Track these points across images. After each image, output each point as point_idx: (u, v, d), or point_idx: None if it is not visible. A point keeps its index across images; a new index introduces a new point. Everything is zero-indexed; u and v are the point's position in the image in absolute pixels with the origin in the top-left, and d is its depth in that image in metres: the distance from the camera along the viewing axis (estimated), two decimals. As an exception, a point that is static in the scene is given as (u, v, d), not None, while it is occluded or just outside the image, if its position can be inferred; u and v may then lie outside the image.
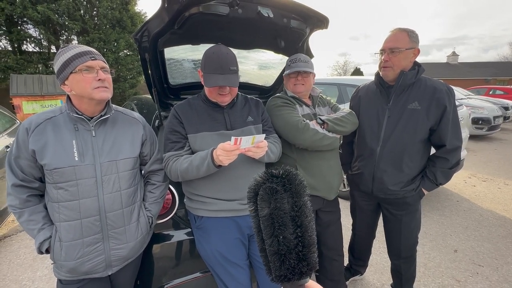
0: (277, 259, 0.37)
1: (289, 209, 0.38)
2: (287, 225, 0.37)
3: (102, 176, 1.06)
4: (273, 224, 0.37)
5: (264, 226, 0.38)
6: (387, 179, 1.53)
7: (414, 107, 1.44)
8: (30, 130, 1.00)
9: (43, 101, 8.28)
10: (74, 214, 1.03)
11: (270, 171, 0.40)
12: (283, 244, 0.37)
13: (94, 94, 1.01)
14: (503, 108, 8.62)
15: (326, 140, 1.43)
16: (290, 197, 0.38)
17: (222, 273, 1.24)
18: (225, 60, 1.18)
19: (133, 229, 1.16)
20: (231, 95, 1.28)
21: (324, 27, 1.59)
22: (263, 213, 0.38)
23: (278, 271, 0.38)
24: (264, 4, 1.33)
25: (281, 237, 0.37)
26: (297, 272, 0.37)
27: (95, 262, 1.08)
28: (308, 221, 0.38)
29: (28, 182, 1.04)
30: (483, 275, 2.17)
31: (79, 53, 0.98)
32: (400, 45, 1.38)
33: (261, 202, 0.39)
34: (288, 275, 0.37)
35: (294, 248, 0.37)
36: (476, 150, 6.31)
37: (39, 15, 10.09)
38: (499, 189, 4.00)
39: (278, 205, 0.37)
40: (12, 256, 2.57)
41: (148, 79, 1.55)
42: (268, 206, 0.38)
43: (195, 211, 1.31)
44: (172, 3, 1.18)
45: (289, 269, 0.37)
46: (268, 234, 0.38)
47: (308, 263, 0.38)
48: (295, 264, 0.37)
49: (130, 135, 1.17)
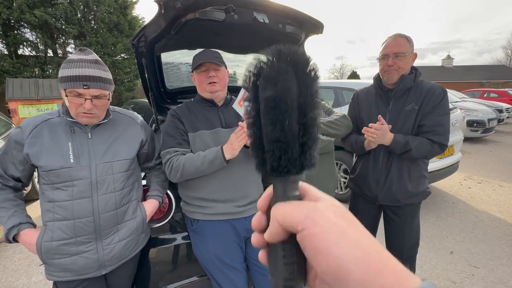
0: (277, 147, 0.32)
1: (297, 94, 0.32)
2: (294, 110, 0.32)
3: (97, 178, 1.07)
4: (277, 107, 0.32)
5: (267, 110, 0.32)
6: (392, 183, 1.53)
7: (411, 107, 1.48)
8: (27, 132, 1.01)
9: (39, 105, 8.24)
10: (68, 214, 1.04)
11: (278, 48, 0.33)
12: (288, 131, 0.32)
13: (78, 118, 1.04)
14: (497, 111, 8.74)
15: (319, 144, 1.44)
16: (299, 81, 0.33)
17: (219, 276, 1.24)
18: (210, 52, 1.29)
19: (127, 228, 1.17)
20: (220, 85, 1.31)
21: (319, 32, 1.62)
22: (267, 94, 0.32)
23: (276, 162, 0.32)
24: (260, 10, 1.36)
25: (287, 123, 0.32)
26: (298, 165, 0.33)
27: (88, 261, 1.08)
28: (315, 113, 0.33)
29: (5, 180, 1.07)
30: (479, 276, 2.19)
31: (75, 77, 0.97)
32: (403, 49, 1.42)
33: (266, 81, 0.33)
34: (288, 165, 0.32)
35: (298, 137, 0.33)
36: (472, 152, 6.37)
37: (36, 19, 10.08)
38: (494, 191, 4.04)
39: (287, 85, 0.32)
40: (7, 262, 2.54)
41: (145, 84, 1.56)
42: (274, 87, 0.32)
43: (191, 215, 1.31)
44: (169, 9, 1.19)
45: (290, 160, 0.32)
46: (270, 119, 0.32)
47: (311, 157, 0.33)
48: (297, 155, 0.32)
49: (127, 136, 1.18)
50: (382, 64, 1.49)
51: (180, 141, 1.28)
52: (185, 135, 1.30)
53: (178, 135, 1.28)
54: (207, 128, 1.30)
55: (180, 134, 1.29)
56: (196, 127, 1.30)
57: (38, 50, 11.35)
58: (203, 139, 1.28)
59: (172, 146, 1.27)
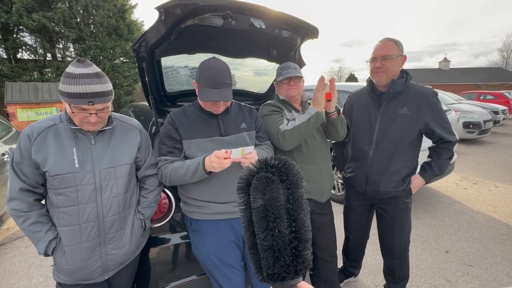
0: (270, 255, 0.34)
1: (284, 201, 0.35)
2: (282, 218, 0.34)
3: (101, 182, 1.10)
4: (267, 216, 0.34)
5: (258, 218, 0.35)
6: (380, 180, 1.61)
7: (404, 112, 1.54)
8: (32, 137, 1.03)
9: (38, 108, 8.26)
10: (73, 219, 1.06)
11: (265, 159, 0.37)
12: (278, 238, 0.34)
13: (82, 126, 1.06)
14: (493, 113, 8.82)
15: (302, 127, 1.41)
16: (286, 188, 0.35)
17: (217, 275, 1.27)
18: (219, 74, 1.21)
19: (128, 234, 1.19)
20: (225, 106, 1.33)
21: (314, 37, 1.67)
22: (256, 204, 0.35)
23: (271, 269, 0.34)
24: (257, 16, 1.40)
25: (276, 231, 0.34)
26: (292, 270, 0.34)
27: (93, 267, 1.11)
28: (304, 214, 0.35)
29: (34, 187, 1.07)
30: (473, 275, 2.23)
31: (79, 94, 0.97)
32: (390, 52, 1.49)
33: (255, 192, 0.35)
34: (282, 273, 0.34)
35: (289, 243, 0.34)
36: (468, 154, 6.44)
37: (35, 23, 10.14)
38: (489, 191, 4.09)
39: (274, 195, 0.34)
40: (7, 264, 2.55)
41: (145, 87, 1.60)
42: (262, 196, 0.35)
43: (190, 215, 1.35)
44: (169, 15, 1.24)
45: (283, 267, 0.34)
46: (262, 227, 0.34)
47: (304, 260, 0.35)
48: (290, 261, 0.34)
49: (128, 141, 1.21)
50: (371, 67, 1.56)
51: (171, 149, 1.29)
52: (178, 142, 1.30)
53: (170, 143, 1.30)
54: (204, 136, 1.30)
55: (172, 142, 1.30)
56: (192, 135, 1.29)
57: (37, 54, 11.40)
58: (199, 146, 1.29)
59: (163, 154, 1.29)
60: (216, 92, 1.21)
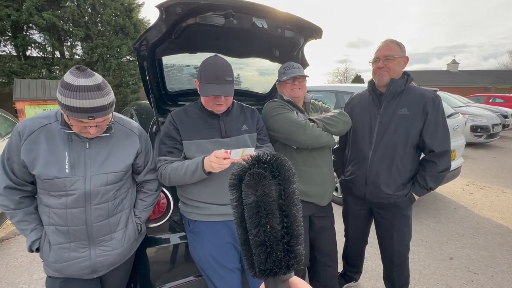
0: (262, 251, 0.35)
1: (276, 196, 0.35)
2: (274, 214, 0.35)
3: (91, 189, 1.05)
4: (259, 212, 0.35)
5: (250, 215, 0.35)
6: (380, 182, 1.57)
7: (403, 112, 1.52)
8: (23, 136, 0.99)
9: (46, 105, 8.36)
10: (63, 221, 1.05)
11: (257, 155, 0.38)
12: (271, 234, 0.34)
13: (81, 133, 1.03)
14: (502, 116, 8.64)
15: (323, 138, 1.45)
16: (278, 184, 0.36)
17: (214, 277, 1.26)
18: (221, 71, 1.21)
19: (120, 236, 1.17)
20: (226, 105, 1.31)
21: (318, 37, 1.65)
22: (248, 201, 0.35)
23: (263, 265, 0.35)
24: (259, 15, 1.39)
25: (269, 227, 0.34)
26: (284, 265, 0.35)
27: (80, 267, 1.09)
28: (296, 210, 0.36)
29: (21, 185, 1.05)
30: (478, 283, 2.17)
31: (79, 108, 0.92)
32: (393, 53, 1.49)
33: (247, 188, 0.36)
34: (275, 268, 0.35)
35: (282, 239, 0.35)
36: (475, 158, 6.32)
37: (44, 22, 10.27)
38: (496, 197, 4.00)
39: (266, 191, 0.35)
40: (10, 259, 2.59)
41: (146, 86, 1.60)
42: (255, 193, 0.35)
43: (188, 215, 1.34)
44: (170, 14, 1.23)
45: (275, 262, 0.34)
46: (254, 223, 0.35)
47: (296, 255, 0.35)
48: (282, 256, 0.35)
49: (126, 149, 1.16)
50: (373, 67, 1.56)
51: (170, 149, 1.28)
52: (178, 143, 1.29)
53: (170, 143, 1.29)
54: (205, 137, 1.29)
55: (172, 142, 1.29)
56: (193, 136, 1.28)
57: (45, 52, 11.54)
58: (200, 147, 1.28)
59: (163, 154, 1.28)
60: (217, 88, 1.20)
